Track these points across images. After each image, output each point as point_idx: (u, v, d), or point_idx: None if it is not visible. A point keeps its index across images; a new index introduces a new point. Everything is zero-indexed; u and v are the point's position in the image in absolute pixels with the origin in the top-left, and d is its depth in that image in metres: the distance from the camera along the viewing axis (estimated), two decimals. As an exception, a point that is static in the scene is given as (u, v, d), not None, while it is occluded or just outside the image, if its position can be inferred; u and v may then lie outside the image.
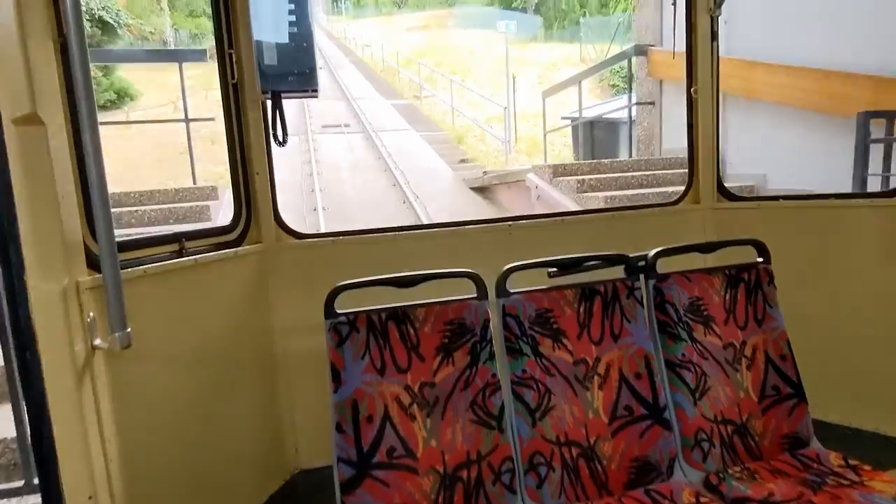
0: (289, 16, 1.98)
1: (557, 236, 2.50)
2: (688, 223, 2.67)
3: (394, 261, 2.34)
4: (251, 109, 2.08)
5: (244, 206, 2.12)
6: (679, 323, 1.85)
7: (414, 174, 10.35)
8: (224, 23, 2.00)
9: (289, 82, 2.02)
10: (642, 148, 6.92)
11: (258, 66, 1.97)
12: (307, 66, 2.02)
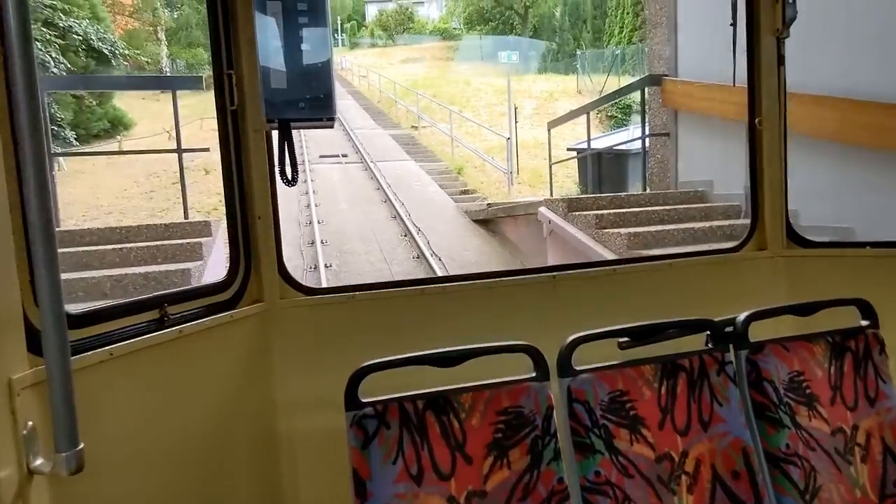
0: (303, 30, 1.65)
1: (608, 289, 2.14)
2: (753, 273, 2.32)
3: (421, 320, 1.97)
4: (254, 141, 1.73)
5: (242, 258, 1.75)
6: (780, 405, 1.51)
7: (414, 206, 10.05)
8: (223, 39, 1.67)
9: (300, 109, 1.67)
10: (655, 181, 6.65)
11: (263, 89, 1.62)
12: (323, 91, 1.68)
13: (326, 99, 1.69)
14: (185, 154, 5.03)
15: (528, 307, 2.05)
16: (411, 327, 1.94)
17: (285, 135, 1.71)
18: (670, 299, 2.22)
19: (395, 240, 8.53)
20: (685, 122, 6.15)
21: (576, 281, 2.10)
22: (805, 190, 4.91)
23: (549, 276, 2.08)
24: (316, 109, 1.69)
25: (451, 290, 1.99)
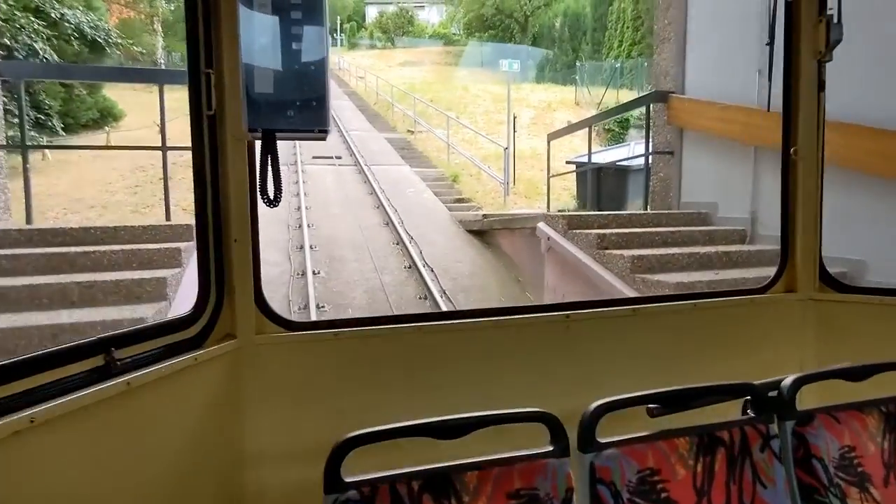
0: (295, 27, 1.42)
1: (627, 331, 1.93)
2: (780, 317, 2.11)
3: (417, 362, 1.74)
4: (233, 151, 1.50)
5: (213, 287, 1.51)
6: (830, 487, 1.31)
7: (407, 213, 9.81)
8: (201, 32, 1.44)
9: (288, 118, 1.44)
10: (657, 200, 6.48)
11: (246, 92, 1.39)
12: (315, 96, 1.45)
13: (319, 107, 1.46)
14: (172, 151, 4.77)
15: (539, 349, 1.83)
16: (406, 370, 1.71)
17: (269, 147, 1.47)
18: (692, 343, 2.02)
19: (387, 248, 8.29)
20: (690, 141, 5.99)
21: (592, 321, 1.88)
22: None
23: (562, 316, 1.86)
24: (306, 119, 1.45)
25: (451, 328, 1.76)
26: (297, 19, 1.43)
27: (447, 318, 1.82)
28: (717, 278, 4.14)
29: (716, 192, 5.66)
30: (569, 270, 5.32)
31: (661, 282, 4.06)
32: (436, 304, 6.44)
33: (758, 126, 4.96)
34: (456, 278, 7.31)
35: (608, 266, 4.65)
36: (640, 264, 4.40)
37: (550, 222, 5.69)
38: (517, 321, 1.83)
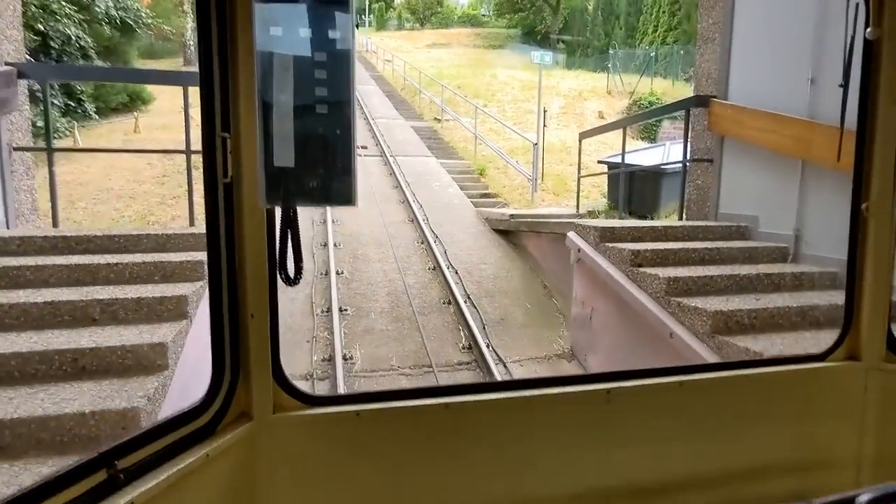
0: (318, 89, 1.27)
1: (672, 405, 1.77)
2: (840, 388, 1.93)
3: (445, 441, 1.62)
4: (250, 222, 1.38)
5: (228, 366, 1.40)
6: None
7: (432, 209, 9.67)
8: (218, 94, 1.31)
9: (310, 190, 1.30)
10: (693, 209, 6.20)
11: (265, 165, 1.26)
12: (340, 167, 1.31)
13: (344, 178, 1.32)
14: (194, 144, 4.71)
15: (577, 426, 1.69)
16: (433, 450, 1.59)
17: (289, 220, 1.34)
18: (744, 418, 1.85)
19: (411, 246, 8.18)
20: (731, 150, 5.68)
21: (635, 395, 1.73)
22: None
23: (603, 390, 1.71)
24: (330, 190, 1.31)
25: (481, 405, 1.63)
26: (322, 79, 1.29)
27: (476, 391, 1.69)
28: (759, 305, 3.91)
29: (757, 205, 5.37)
30: (599, 284, 5.13)
31: (698, 308, 3.85)
32: (459, 309, 6.32)
33: (807, 140, 4.66)
34: (480, 282, 7.16)
35: (642, 286, 4.45)
36: (675, 286, 4.19)
37: (581, 233, 5.49)
38: (553, 396, 1.69)
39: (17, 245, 3.95)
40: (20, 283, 3.58)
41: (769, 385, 1.89)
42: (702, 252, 4.79)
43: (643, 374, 1.79)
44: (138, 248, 4.13)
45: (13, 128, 4.43)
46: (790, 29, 4.89)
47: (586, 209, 8.68)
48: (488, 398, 1.65)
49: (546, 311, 6.72)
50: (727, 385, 1.85)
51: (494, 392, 1.68)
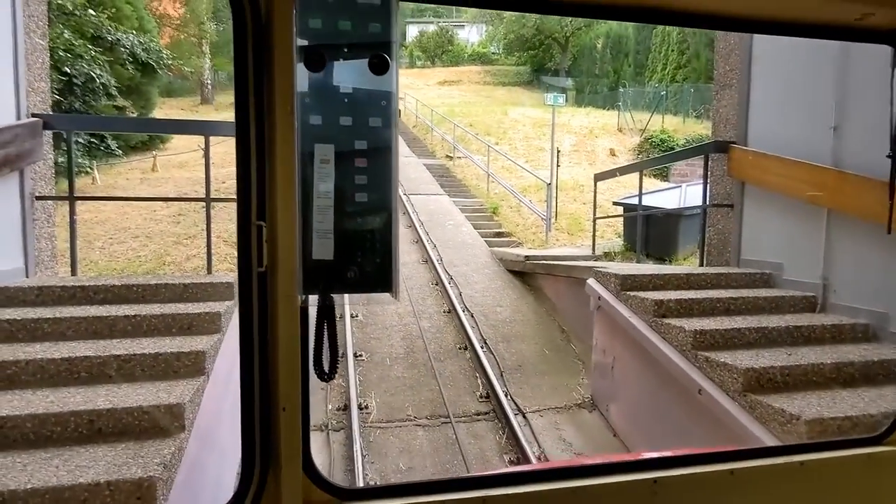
0: (358, 176, 1.23)
1: (723, 496, 1.66)
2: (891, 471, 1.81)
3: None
4: (284, 313, 1.32)
5: (258, 460, 1.33)
6: None
7: (446, 249, 9.64)
8: (254, 181, 1.27)
9: (348, 280, 1.25)
10: (714, 253, 6.11)
11: (303, 259, 1.21)
12: (381, 256, 1.26)
13: (384, 267, 1.27)
14: (211, 170, 4.72)
15: None
16: None
17: (326, 312, 1.29)
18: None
19: (425, 288, 8.11)
20: (752, 196, 5.61)
21: (682, 486, 1.62)
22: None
23: (648, 480, 1.60)
24: (369, 280, 1.26)
25: (517, 498, 1.53)
26: (363, 167, 1.25)
27: (514, 482, 1.59)
28: (791, 361, 3.77)
29: (781, 252, 5.27)
30: (620, 333, 5.01)
31: (727, 364, 3.72)
32: (475, 355, 6.20)
33: (832, 188, 4.59)
34: (496, 325, 7.05)
35: (666, 338, 4.33)
36: (702, 340, 4.07)
37: (601, 280, 5.40)
38: (598, 486, 1.58)
39: (35, 295, 3.94)
40: (38, 337, 3.54)
41: (825, 472, 1.77)
42: (726, 301, 4.68)
43: (690, 460, 1.68)
44: (156, 297, 4.10)
45: (37, 177, 4.48)
46: (809, 76, 4.88)
47: (602, 250, 8.60)
48: (527, 490, 1.55)
49: (564, 356, 6.57)
50: (782, 473, 1.73)
51: (533, 483, 1.58)
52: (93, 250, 8.67)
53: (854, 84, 4.48)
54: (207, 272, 4.76)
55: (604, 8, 1.43)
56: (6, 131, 4.02)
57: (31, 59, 4.38)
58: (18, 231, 4.29)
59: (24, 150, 4.20)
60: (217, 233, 9.05)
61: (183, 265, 8.45)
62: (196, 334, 3.73)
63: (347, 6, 1.17)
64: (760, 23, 1.58)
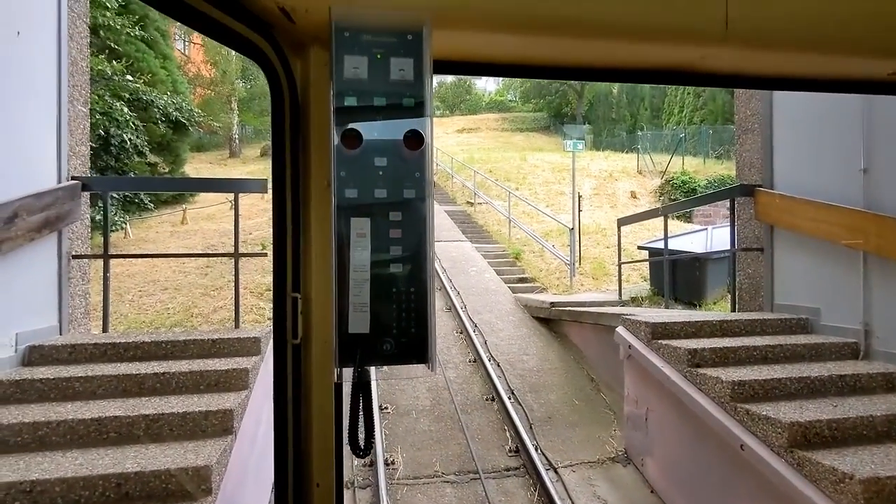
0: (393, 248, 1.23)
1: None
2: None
3: None
4: (318, 387, 1.31)
5: None
6: None
7: (470, 295, 9.59)
8: (290, 255, 1.29)
9: (383, 352, 1.23)
10: (746, 298, 5.95)
11: (339, 332, 1.20)
12: (416, 327, 1.24)
13: (420, 339, 1.25)
14: (239, 213, 4.80)
15: None
16: None
17: (361, 385, 1.27)
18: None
19: (450, 336, 8.03)
20: (782, 239, 5.51)
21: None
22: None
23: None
24: (406, 352, 1.24)
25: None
26: (397, 238, 1.25)
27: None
28: (839, 414, 3.58)
29: (816, 296, 5.10)
30: (654, 384, 4.85)
31: (770, 418, 3.55)
32: (503, 406, 6.04)
33: (866, 230, 4.48)
34: (523, 375, 6.91)
35: (703, 388, 4.17)
36: (741, 391, 3.90)
37: (631, 328, 5.28)
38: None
39: (68, 353, 4.00)
40: (69, 396, 3.57)
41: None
42: (763, 349, 4.51)
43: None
44: (184, 353, 4.13)
45: (73, 236, 4.63)
46: (834, 119, 4.85)
47: (629, 295, 8.46)
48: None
49: (595, 406, 6.37)
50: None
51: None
52: (123, 303, 8.84)
53: (882, 126, 4.43)
54: (235, 326, 4.79)
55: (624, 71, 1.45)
56: (47, 195, 4.19)
57: (73, 126, 4.61)
58: (55, 290, 4.40)
59: (63, 212, 4.36)
60: (243, 284, 9.18)
61: (210, 317, 8.54)
62: (224, 391, 3.72)
63: (382, 83, 1.20)
64: (790, 80, 1.58)
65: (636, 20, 1.24)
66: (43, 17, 4.33)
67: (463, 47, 1.31)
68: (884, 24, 1.39)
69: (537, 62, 1.38)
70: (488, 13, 1.19)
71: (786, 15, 1.34)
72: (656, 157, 22.02)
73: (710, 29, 1.30)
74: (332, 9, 1.15)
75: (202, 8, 1.12)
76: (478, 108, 49.60)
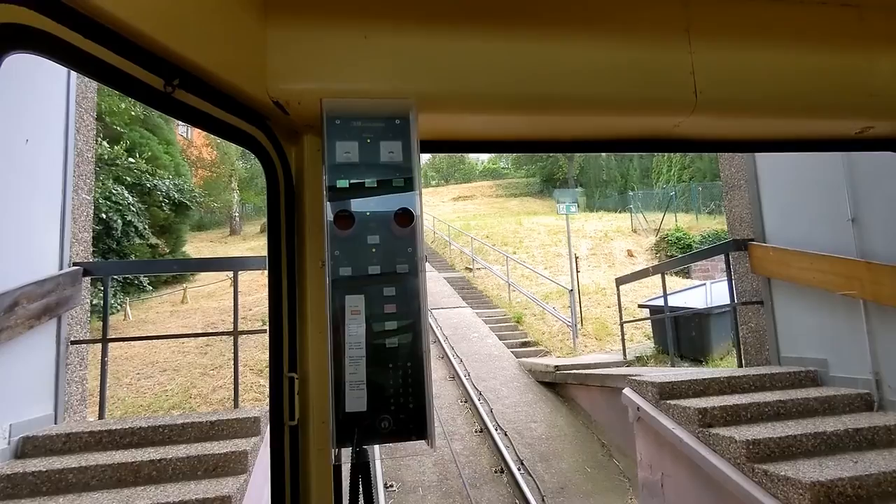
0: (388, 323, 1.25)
1: None
2: None
3: None
4: (316, 468, 1.28)
5: None
6: None
7: (473, 362, 9.45)
8: (286, 335, 1.30)
9: (381, 430, 1.22)
10: (751, 352, 5.87)
11: (335, 412, 1.19)
12: (414, 403, 1.23)
13: (418, 415, 1.24)
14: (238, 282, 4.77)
15: None
16: None
17: (360, 465, 1.25)
18: None
19: (454, 406, 7.84)
20: (781, 291, 5.51)
21: None
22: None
23: None
24: (404, 430, 1.23)
25: None
26: (392, 313, 1.27)
27: None
28: (860, 471, 3.45)
29: (822, 347, 5.05)
30: (666, 447, 4.69)
31: (790, 479, 3.42)
32: (513, 478, 5.81)
33: (861, 278, 4.50)
34: (532, 444, 6.69)
35: (717, 450, 4.04)
36: (757, 451, 3.78)
37: (638, 389, 5.18)
38: None
39: (63, 443, 3.90)
40: (62, 489, 3.45)
41: None
42: (775, 405, 4.41)
43: None
44: (182, 438, 4.02)
45: (73, 322, 4.62)
46: (818, 171, 4.98)
47: (634, 354, 8.34)
48: None
49: (608, 473, 6.13)
50: None
51: None
52: (121, 387, 8.68)
53: (866, 176, 4.56)
54: (234, 406, 4.69)
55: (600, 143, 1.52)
56: (49, 282, 4.23)
57: (76, 213, 4.72)
58: (52, 377, 4.35)
59: (63, 298, 4.38)
60: (244, 361, 9.06)
61: (209, 397, 8.37)
62: (222, 476, 3.60)
63: (372, 165, 1.26)
64: (762, 143, 1.65)
65: (608, 96, 1.32)
66: (52, 117, 4.54)
67: (447, 128, 1.39)
68: (850, 87, 1.48)
69: (517, 137, 1.45)
70: (468, 97, 1.27)
71: (754, 82, 1.42)
72: (649, 216, 22.38)
73: (681, 99, 1.38)
74: (323, 101, 1.23)
75: (202, 108, 1.19)
76: (472, 176, 50.88)
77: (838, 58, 1.48)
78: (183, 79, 1.12)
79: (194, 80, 1.14)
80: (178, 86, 1.11)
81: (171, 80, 1.09)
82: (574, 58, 1.31)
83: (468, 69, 1.27)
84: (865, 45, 1.49)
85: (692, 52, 1.38)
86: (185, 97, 1.13)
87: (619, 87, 1.32)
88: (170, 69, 1.10)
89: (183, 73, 1.12)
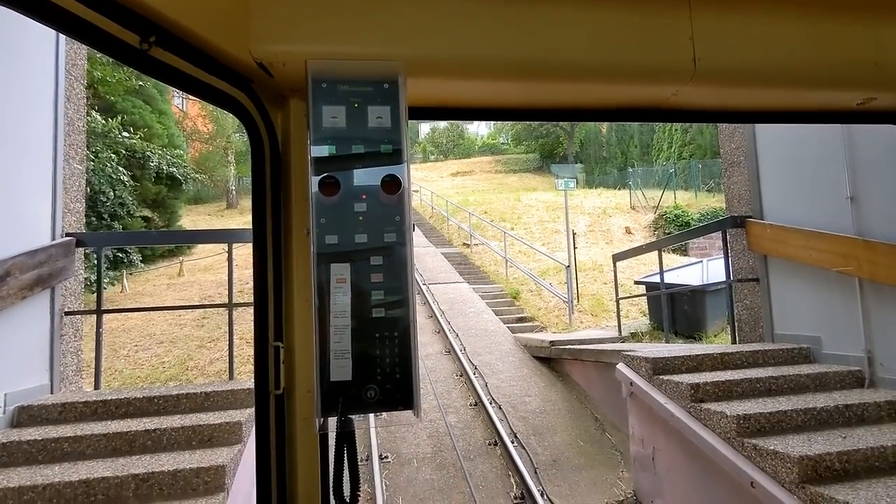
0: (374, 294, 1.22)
1: None
2: None
3: None
4: (301, 437, 1.28)
5: None
6: None
7: (469, 337, 9.50)
8: (272, 304, 1.28)
9: (367, 402, 1.21)
10: (746, 330, 5.90)
11: (320, 381, 1.18)
12: (400, 371, 1.22)
13: (404, 384, 1.23)
14: (233, 271, 4.78)
15: None
16: None
17: (345, 436, 1.24)
18: None
19: (450, 380, 7.90)
20: (777, 269, 5.51)
21: None
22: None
23: None
24: (390, 400, 1.22)
25: None
26: (379, 283, 1.24)
27: None
28: (848, 446, 3.49)
29: (816, 325, 5.07)
30: (658, 421, 4.74)
31: (778, 452, 3.45)
32: (507, 451, 5.89)
33: (861, 258, 4.49)
34: (526, 417, 6.76)
35: (708, 424, 4.08)
36: (747, 426, 3.82)
37: (631, 364, 5.21)
38: None
39: (58, 413, 3.92)
40: (57, 457, 3.48)
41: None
42: (767, 381, 4.44)
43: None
44: (177, 409, 4.05)
45: (66, 293, 4.60)
46: (816, 148, 4.93)
47: (629, 330, 8.39)
48: None
49: (601, 447, 6.21)
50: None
51: None
52: (118, 359, 8.73)
53: (864, 153, 4.51)
54: (229, 378, 4.71)
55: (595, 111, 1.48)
56: (41, 252, 4.20)
57: (68, 184, 4.66)
58: (46, 348, 4.35)
59: (56, 269, 4.36)
60: (240, 334, 9.09)
61: (206, 369, 8.42)
62: (217, 446, 3.63)
63: (360, 130, 1.22)
64: (761, 114, 1.61)
65: (603, 62, 1.28)
66: (42, 85, 4.44)
67: (436, 93, 1.34)
68: (849, 58, 1.43)
69: (509, 105, 1.41)
70: (458, 61, 1.23)
71: (753, 52, 1.37)
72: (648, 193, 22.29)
73: (679, 67, 1.33)
74: (308, 62, 1.18)
75: (185, 69, 1.15)
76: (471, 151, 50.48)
77: (842, 26, 1.43)
78: (160, 36, 1.07)
79: (172, 37, 1.09)
80: (155, 43, 1.06)
81: (147, 36, 1.05)
82: (569, 21, 1.27)
83: (460, 32, 1.23)
84: (871, 14, 1.44)
85: (692, 17, 1.33)
86: (163, 55, 1.09)
87: (614, 53, 1.28)
88: (146, 25, 1.05)
89: (160, 30, 1.07)
